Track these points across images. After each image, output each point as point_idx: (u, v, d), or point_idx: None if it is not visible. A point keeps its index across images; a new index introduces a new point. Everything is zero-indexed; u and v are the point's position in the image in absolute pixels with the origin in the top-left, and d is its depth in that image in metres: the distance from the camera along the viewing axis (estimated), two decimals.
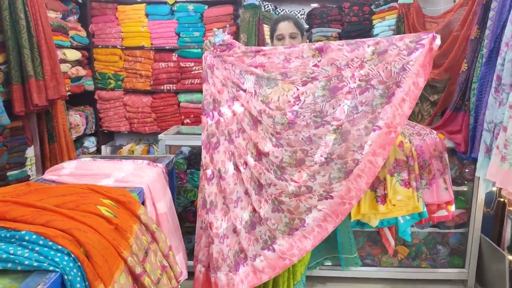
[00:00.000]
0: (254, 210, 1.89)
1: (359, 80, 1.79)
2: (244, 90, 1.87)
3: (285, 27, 2.06)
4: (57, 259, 1.03)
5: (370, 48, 1.78)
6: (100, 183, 1.75)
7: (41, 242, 1.07)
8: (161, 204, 1.85)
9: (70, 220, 1.19)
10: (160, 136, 2.66)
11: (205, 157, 1.88)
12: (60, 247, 1.07)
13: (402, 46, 1.75)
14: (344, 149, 1.79)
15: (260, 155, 1.89)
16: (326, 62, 1.82)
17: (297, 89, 1.85)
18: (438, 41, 1.74)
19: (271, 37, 2.17)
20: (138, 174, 1.88)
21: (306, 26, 3.59)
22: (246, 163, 1.88)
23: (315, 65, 1.83)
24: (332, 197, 1.81)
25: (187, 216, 2.85)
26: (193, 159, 2.85)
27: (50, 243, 1.08)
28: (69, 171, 1.85)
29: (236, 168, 1.88)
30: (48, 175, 1.84)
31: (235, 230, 1.88)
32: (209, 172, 1.86)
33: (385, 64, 1.76)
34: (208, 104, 1.89)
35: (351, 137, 1.79)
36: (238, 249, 1.88)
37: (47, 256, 1.04)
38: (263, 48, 1.90)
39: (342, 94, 1.81)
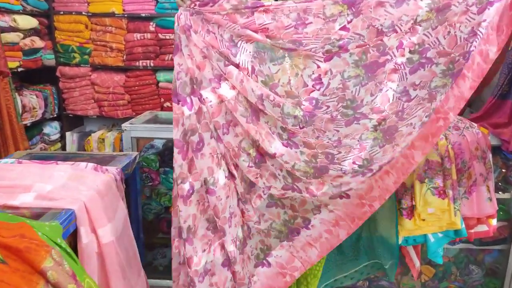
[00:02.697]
0: (243, 222, 1.55)
1: (410, 51, 1.33)
2: (237, 65, 1.38)
3: None
4: None
5: (425, 1, 1.30)
6: (15, 201, 1.30)
7: None
8: (106, 230, 1.34)
9: None
10: (125, 125, 2.13)
11: (180, 165, 1.44)
12: None
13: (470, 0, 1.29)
14: (390, 156, 1.40)
15: (263, 156, 1.46)
16: (361, 23, 1.33)
17: (318, 67, 1.39)
18: None
19: None
20: (74, 186, 1.37)
21: None
22: (237, 166, 1.47)
23: (344, 28, 1.35)
24: (348, 196, 1.51)
25: (161, 225, 2.43)
26: (168, 155, 2.36)
27: None
28: None
29: (229, 175, 1.48)
30: None
31: (225, 263, 1.51)
32: (186, 186, 1.43)
33: (447, 27, 1.30)
34: (183, 86, 1.40)
35: (398, 136, 1.37)
36: (231, 287, 1.54)
37: None
38: (264, 2, 1.39)
39: (384, 74, 1.35)
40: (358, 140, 1.39)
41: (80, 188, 1.35)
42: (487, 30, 1.30)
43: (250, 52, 1.39)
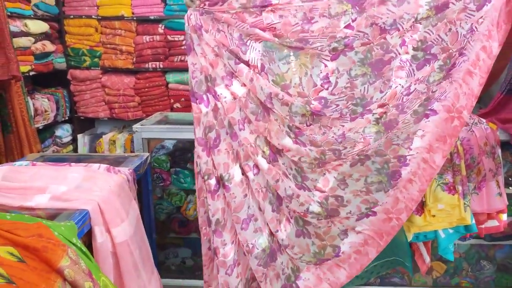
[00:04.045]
0: (271, 233, 1.52)
1: (414, 48, 1.33)
2: (247, 63, 1.40)
3: None
4: None
5: (424, 0, 1.31)
6: (30, 202, 1.32)
7: None
8: (119, 230, 1.37)
9: None
10: (135, 126, 2.16)
11: (206, 162, 1.44)
12: None
13: None
14: (384, 142, 1.37)
15: (275, 154, 1.46)
16: (364, 21, 1.33)
17: (325, 65, 1.39)
18: None
19: None
20: (87, 187, 1.39)
21: None
22: (256, 167, 1.46)
23: (348, 26, 1.35)
24: (374, 213, 1.46)
25: (172, 224, 2.43)
26: (178, 155, 2.40)
27: None
28: None
29: (245, 173, 1.47)
30: None
31: (245, 253, 1.52)
32: (213, 182, 1.45)
33: (447, 24, 1.31)
34: (200, 84, 1.41)
35: (396, 128, 1.37)
36: (249, 277, 1.55)
37: None
38: (272, 1, 1.38)
39: (391, 71, 1.34)
40: (361, 134, 1.38)
41: (93, 189, 1.37)
42: (488, 26, 1.29)
43: (259, 50, 1.40)
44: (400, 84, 1.34)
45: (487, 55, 1.32)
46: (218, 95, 1.41)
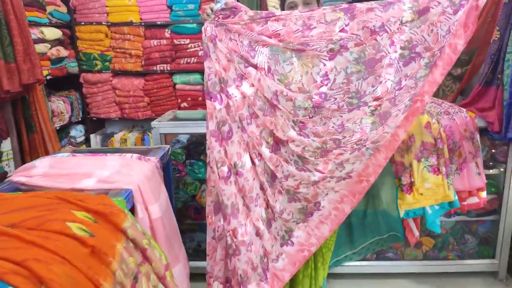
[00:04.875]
0: (267, 205, 1.67)
1: (401, 48, 1.47)
2: (255, 66, 1.54)
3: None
4: None
5: (407, 5, 1.46)
6: (79, 184, 1.47)
7: None
8: (155, 208, 1.56)
9: (28, 247, 0.89)
10: (153, 123, 2.35)
11: (218, 151, 1.58)
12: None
13: (445, 2, 1.45)
14: (380, 132, 1.52)
15: (277, 144, 1.61)
16: (356, 25, 1.48)
17: (324, 65, 1.53)
18: None
19: (282, 6, 1.82)
20: (126, 172, 1.58)
21: None
22: (260, 155, 1.61)
23: (343, 30, 1.49)
24: (349, 177, 1.62)
25: (188, 212, 2.58)
26: (192, 148, 2.56)
27: None
28: (42, 170, 1.54)
29: (252, 160, 1.63)
30: (17, 176, 1.54)
31: (257, 233, 1.66)
32: (225, 169, 1.58)
33: (430, 26, 1.45)
34: (214, 85, 1.57)
35: (390, 119, 1.51)
36: (262, 254, 1.68)
37: None
38: (276, 12, 1.56)
39: (382, 68, 1.49)
40: (358, 124, 1.51)
41: (131, 173, 1.56)
42: (456, 27, 1.45)
43: (266, 54, 1.53)
44: (389, 79, 1.49)
45: (452, 50, 1.48)
46: (229, 95, 1.56)
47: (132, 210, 1.48)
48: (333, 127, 1.54)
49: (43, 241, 0.91)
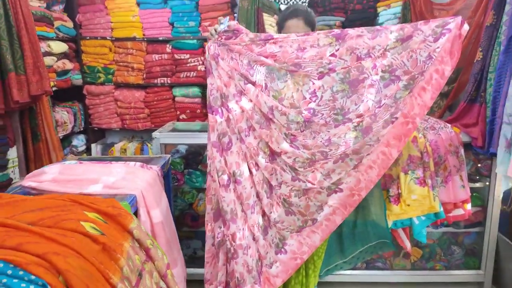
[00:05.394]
0: (264, 214, 1.77)
1: (382, 71, 1.60)
2: (253, 83, 1.68)
3: (294, 26, 1.84)
4: None
5: (393, 34, 1.60)
6: (87, 190, 1.59)
7: (9, 271, 0.89)
8: (156, 212, 1.67)
9: (47, 242, 1.00)
10: (155, 134, 2.47)
11: (219, 161, 1.69)
12: (33, 277, 0.89)
13: (427, 31, 1.57)
14: (361, 144, 1.62)
15: (273, 155, 1.72)
16: (345, 51, 1.62)
17: (313, 83, 1.66)
18: (466, 27, 1.57)
19: (279, 32, 1.94)
20: (130, 178, 1.69)
21: None
22: (257, 165, 1.72)
23: (332, 55, 1.64)
24: (341, 190, 1.69)
25: (185, 219, 2.68)
26: (191, 158, 2.68)
27: (21, 272, 0.89)
28: (52, 176, 1.65)
29: (250, 169, 1.73)
30: (28, 181, 1.64)
31: (254, 238, 1.76)
32: (225, 177, 1.69)
33: (409, 53, 1.58)
34: (216, 99, 1.70)
35: (370, 133, 1.62)
36: (258, 257, 1.77)
37: None
38: (274, 35, 1.69)
39: (364, 88, 1.62)
40: (343, 139, 1.63)
41: (135, 180, 1.68)
42: (441, 53, 1.55)
43: (263, 73, 1.68)
44: (370, 99, 1.61)
45: (440, 76, 1.58)
46: (230, 109, 1.68)
47: (135, 215, 1.58)
48: (321, 141, 1.66)
49: (61, 238, 1.02)
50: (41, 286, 0.88)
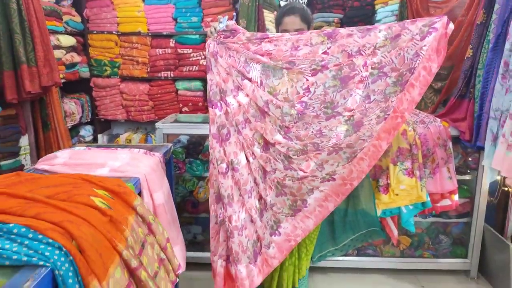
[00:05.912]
0: (260, 197, 1.88)
1: (372, 68, 1.69)
2: (250, 79, 1.79)
3: (291, 23, 1.95)
4: (47, 253, 0.97)
5: (382, 33, 1.69)
6: (95, 172, 1.69)
7: (30, 235, 1.01)
8: (158, 195, 1.79)
9: (62, 212, 1.13)
10: (157, 124, 2.60)
11: (219, 151, 1.81)
12: (50, 240, 1.02)
13: (415, 30, 1.66)
14: (354, 138, 1.72)
15: (267, 145, 1.83)
16: (336, 49, 1.72)
17: (307, 80, 1.76)
18: (451, 26, 1.66)
19: (277, 28, 2.06)
20: (135, 163, 1.81)
21: None
22: (253, 154, 1.84)
23: (325, 53, 1.73)
24: (334, 179, 1.79)
25: (186, 206, 2.81)
26: (192, 148, 2.79)
27: (40, 236, 1.02)
28: (63, 160, 1.78)
29: (247, 158, 1.84)
30: (41, 164, 1.77)
31: (252, 220, 1.87)
32: (224, 166, 1.81)
33: (398, 50, 1.67)
34: (215, 94, 1.82)
35: (362, 128, 1.71)
36: (256, 238, 1.88)
37: (37, 250, 0.98)
38: (269, 34, 1.80)
39: (353, 84, 1.72)
40: (334, 132, 1.73)
41: (139, 165, 1.78)
42: (429, 51, 1.63)
43: (259, 70, 1.78)
44: (358, 93, 1.69)
45: (427, 73, 1.65)
46: (228, 103, 1.80)
47: (140, 195, 1.71)
48: (312, 132, 1.77)
49: (74, 209, 1.16)
50: (57, 247, 1.01)
